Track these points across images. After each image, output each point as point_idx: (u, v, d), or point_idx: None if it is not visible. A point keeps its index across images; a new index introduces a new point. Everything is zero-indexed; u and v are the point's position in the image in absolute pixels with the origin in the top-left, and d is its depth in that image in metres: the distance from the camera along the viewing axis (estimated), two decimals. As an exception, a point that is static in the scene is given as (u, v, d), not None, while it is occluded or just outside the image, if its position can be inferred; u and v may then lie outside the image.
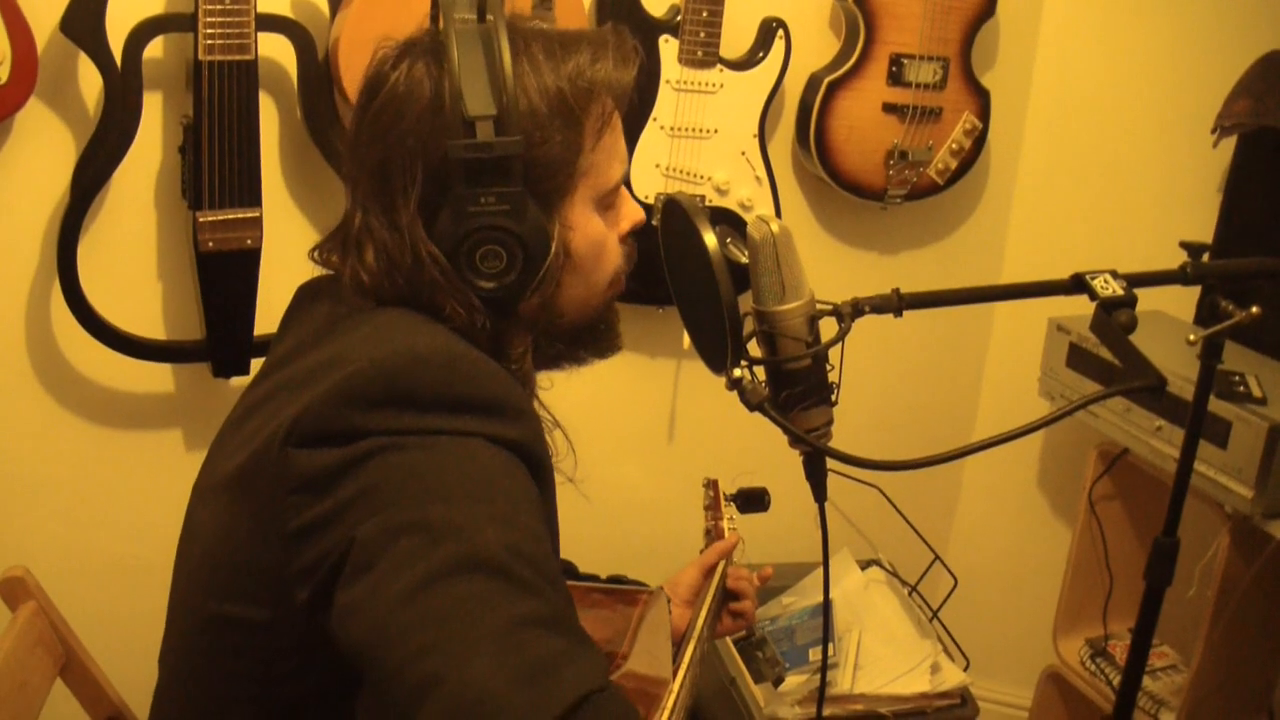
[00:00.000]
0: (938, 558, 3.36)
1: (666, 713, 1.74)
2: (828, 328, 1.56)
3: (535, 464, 1.39)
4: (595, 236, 1.57)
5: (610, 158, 1.56)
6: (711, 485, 2.43)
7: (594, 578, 2.14)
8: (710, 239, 1.46)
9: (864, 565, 3.29)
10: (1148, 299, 2.00)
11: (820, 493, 1.65)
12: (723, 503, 2.38)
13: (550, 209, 1.51)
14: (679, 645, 1.95)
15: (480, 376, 1.39)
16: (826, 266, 3.21)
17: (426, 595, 1.16)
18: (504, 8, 1.52)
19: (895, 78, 2.97)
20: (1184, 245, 1.88)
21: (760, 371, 1.55)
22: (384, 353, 1.36)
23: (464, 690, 1.10)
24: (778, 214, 2.96)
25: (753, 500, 2.10)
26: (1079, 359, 2.87)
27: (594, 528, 3.20)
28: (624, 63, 1.57)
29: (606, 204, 1.58)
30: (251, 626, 1.40)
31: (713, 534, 2.35)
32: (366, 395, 1.32)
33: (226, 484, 1.44)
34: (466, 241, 1.45)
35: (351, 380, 1.33)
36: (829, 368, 1.56)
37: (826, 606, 1.90)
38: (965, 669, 3.06)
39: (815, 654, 3.00)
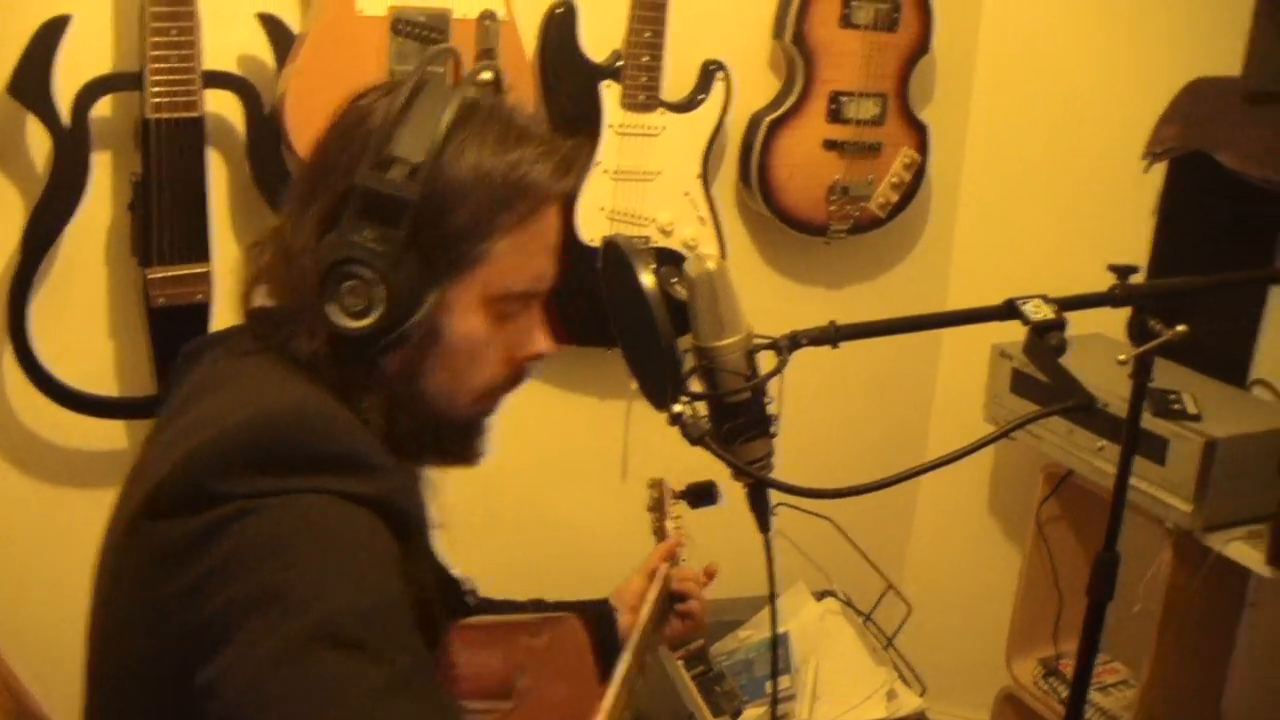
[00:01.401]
0: (891, 586, 3.40)
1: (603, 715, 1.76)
2: (769, 362, 1.60)
3: (397, 518, 1.37)
4: (472, 333, 1.52)
5: (517, 260, 1.52)
6: (657, 485, 2.43)
7: (510, 603, 2.14)
8: (647, 278, 1.49)
9: (819, 596, 3.32)
10: (1090, 322, 2.05)
11: (764, 523, 1.68)
12: (669, 502, 2.38)
13: (432, 277, 1.47)
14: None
15: (334, 434, 1.37)
16: (773, 302, 3.25)
17: (279, 676, 1.16)
18: (460, 74, 1.59)
19: (835, 115, 3.02)
20: (1113, 268, 1.93)
21: (702, 406, 1.58)
22: (236, 419, 1.35)
23: None
24: (722, 252, 3.01)
25: (702, 495, 2.09)
26: (1022, 384, 2.92)
27: (551, 565, 3.23)
28: (564, 174, 1.54)
29: (502, 312, 1.54)
30: (134, 702, 1.38)
31: (659, 536, 2.35)
32: (218, 463, 1.30)
33: (110, 551, 1.44)
34: (337, 269, 1.42)
35: (204, 448, 1.32)
36: (768, 400, 1.60)
37: (774, 637, 1.93)
38: (921, 694, 3.09)
39: (772, 686, 3.03)
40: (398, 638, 1.23)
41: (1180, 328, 1.87)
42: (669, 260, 2.88)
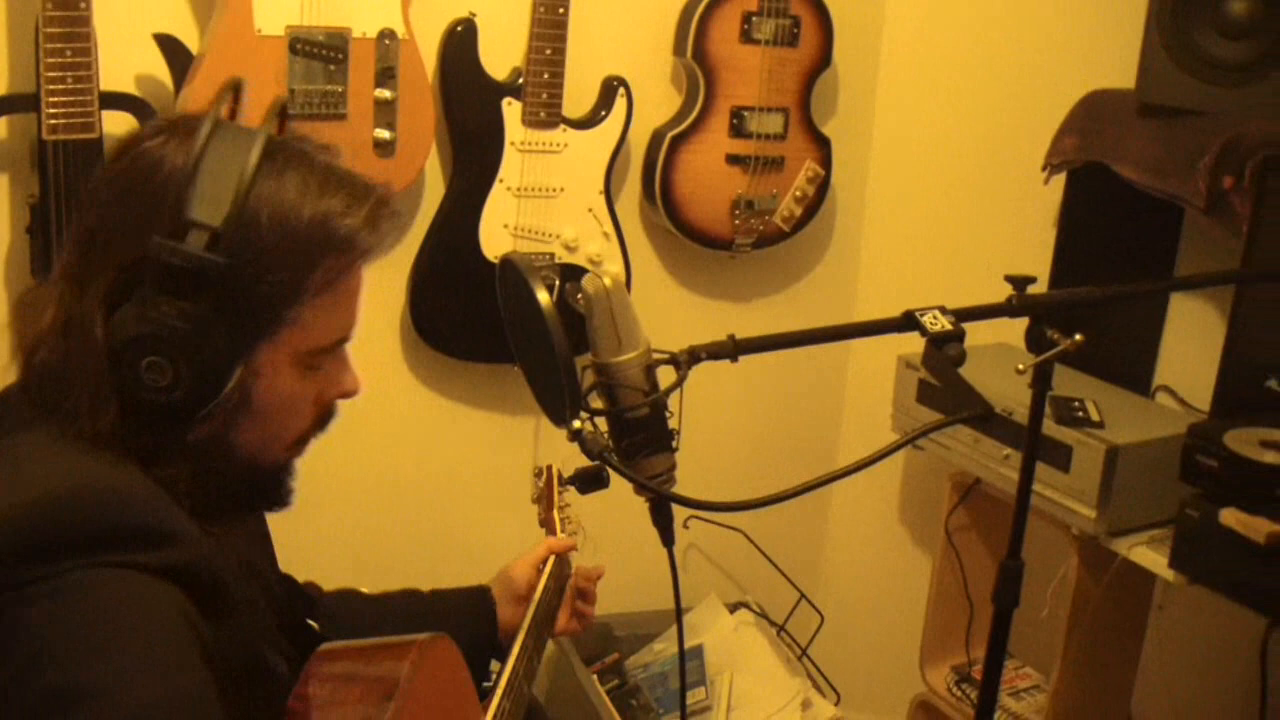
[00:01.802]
0: (804, 596, 3.41)
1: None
2: (670, 377, 1.61)
3: (197, 585, 1.31)
4: (283, 392, 1.45)
5: (328, 317, 1.45)
6: (543, 472, 2.40)
7: (383, 596, 2.11)
8: (542, 295, 1.49)
9: (733, 608, 3.33)
10: (996, 332, 2.07)
11: (667, 537, 1.68)
12: (556, 490, 2.37)
13: (240, 346, 1.38)
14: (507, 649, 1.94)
15: (121, 506, 1.29)
16: (679, 317, 3.26)
17: None
18: (278, 119, 1.46)
19: (737, 130, 3.04)
20: (1009, 279, 1.95)
21: (603, 422, 1.59)
22: (12, 499, 1.26)
23: None
24: (627, 267, 3.01)
25: (591, 479, 2.08)
26: (928, 394, 2.94)
27: (459, 582, 3.23)
28: (375, 226, 1.45)
29: (312, 364, 1.47)
30: None
31: (546, 527, 2.34)
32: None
33: None
34: (135, 346, 1.32)
35: None
36: (668, 415, 1.60)
37: (681, 650, 1.93)
38: (836, 703, 3.11)
39: (690, 697, 3.04)
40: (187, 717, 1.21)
41: (1077, 337, 1.89)
42: (574, 277, 2.90)
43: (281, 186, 1.39)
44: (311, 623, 1.79)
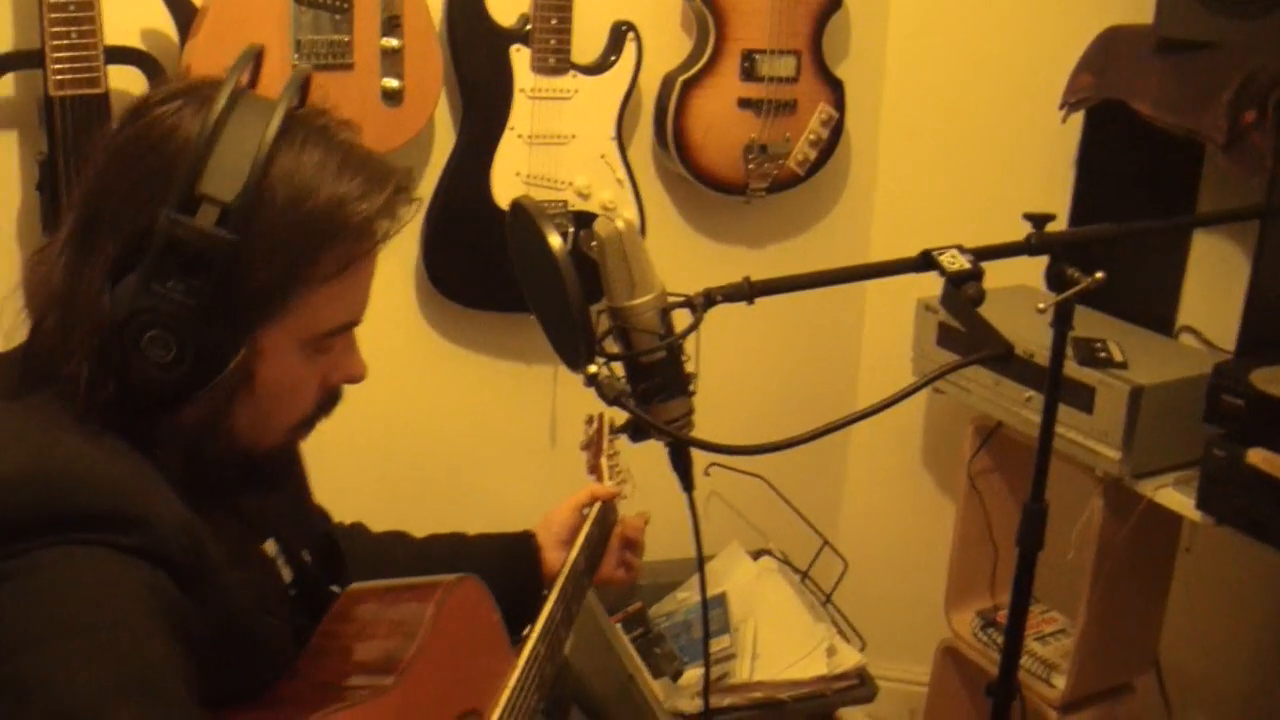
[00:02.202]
0: (826, 542, 3.40)
1: (515, 673, 1.74)
2: (685, 320, 1.59)
3: (174, 565, 1.28)
4: (286, 376, 1.43)
5: (335, 303, 1.42)
6: (594, 420, 2.39)
7: (430, 539, 2.11)
8: (554, 239, 1.48)
9: (755, 555, 3.32)
10: (1012, 272, 2.04)
11: (686, 482, 1.67)
12: (606, 438, 2.35)
13: (242, 326, 1.36)
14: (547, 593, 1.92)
15: (89, 490, 1.27)
16: (694, 263, 3.24)
17: None
18: (299, 92, 1.43)
19: (748, 73, 3.00)
20: (1028, 216, 1.93)
21: (619, 367, 1.57)
22: None
23: None
24: (640, 214, 2.99)
25: (642, 428, 2.04)
26: (948, 337, 2.92)
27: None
28: (392, 214, 1.43)
29: (319, 347, 1.44)
30: None
31: (595, 474, 2.32)
32: None
33: None
34: (137, 320, 1.30)
35: None
36: (685, 358, 1.59)
37: (704, 598, 1.92)
38: (861, 649, 3.10)
39: (713, 645, 3.03)
40: (149, 702, 1.19)
41: (1098, 274, 1.87)
42: (587, 224, 2.88)
43: (299, 165, 1.35)
44: (335, 589, 1.75)
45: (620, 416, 1.63)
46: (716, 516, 3.41)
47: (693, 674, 2.97)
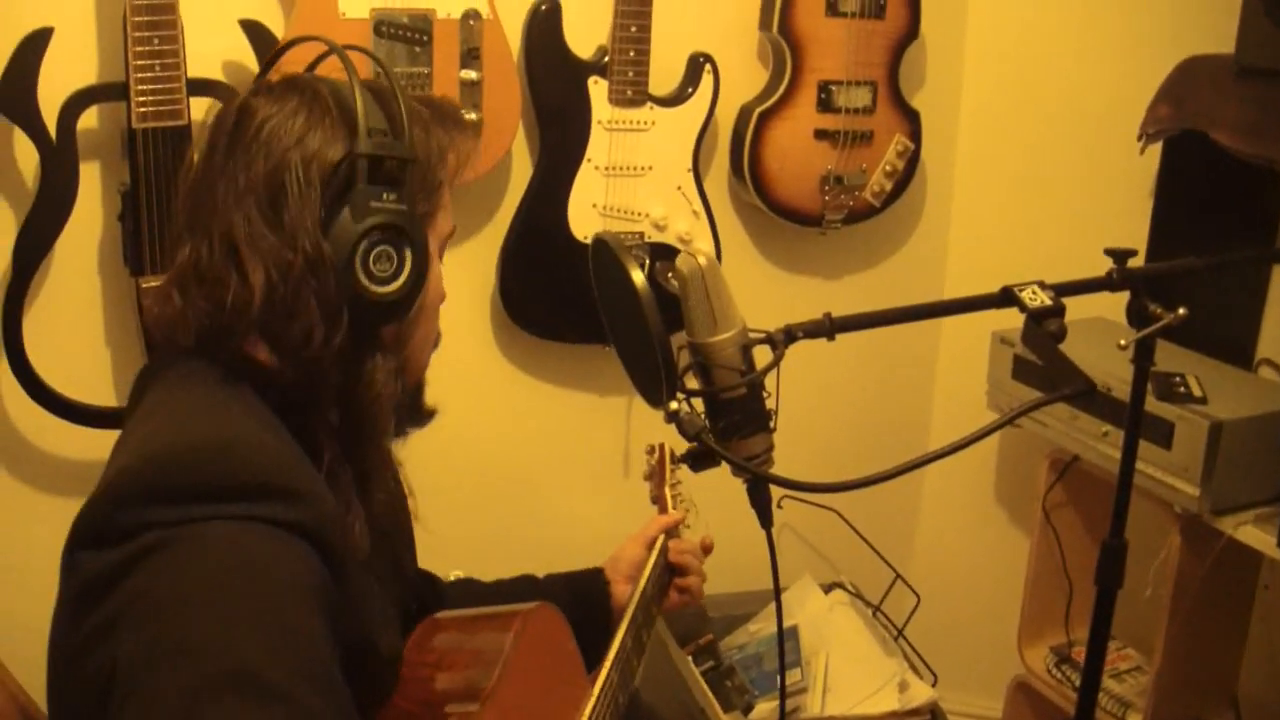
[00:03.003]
0: (899, 576, 3.38)
1: (590, 702, 1.73)
2: (765, 356, 1.58)
3: (322, 546, 1.34)
4: (438, 275, 1.59)
5: (449, 208, 1.60)
6: (656, 450, 2.40)
7: (497, 584, 2.13)
8: (637, 276, 1.48)
9: (827, 588, 3.30)
10: (1089, 305, 2.03)
11: (765, 519, 1.66)
12: (668, 468, 2.36)
13: (426, 230, 1.53)
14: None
15: (255, 462, 1.34)
16: (769, 295, 3.24)
17: None
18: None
19: (825, 104, 3.00)
20: (1109, 252, 1.91)
21: (698, 403, 1.57)
22: (154, 448, 1.34)
23: None
24: (717, 245, 3.00)
25: (704, 457, 2.04)
26: (1023, 370, 2.90)
27: (551, 563, 3.22)
28: (464, 129, 1.63)
29: (440, 256, 1.61)
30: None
31: (658, 504, 2.33)
32: (135, 493, 1.28)
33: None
34: (367, 238, 1.44)
35: (120, 479, 1.32)
36: (765, 395, 1.58)
37: (780, 632, 1.91)
38: (933, 684, 3.07)
39: (785, 679, 3.02)
40: (306, 672, 1.21)
41: (1180, 310, 1.85)
42: (664, 256, 2.89)
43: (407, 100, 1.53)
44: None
45: (680, 445, 1.64)
46: (789, 549, 3.40)
47: (764, 707, 2.96)
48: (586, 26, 2.86)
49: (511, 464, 3.17)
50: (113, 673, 1.18)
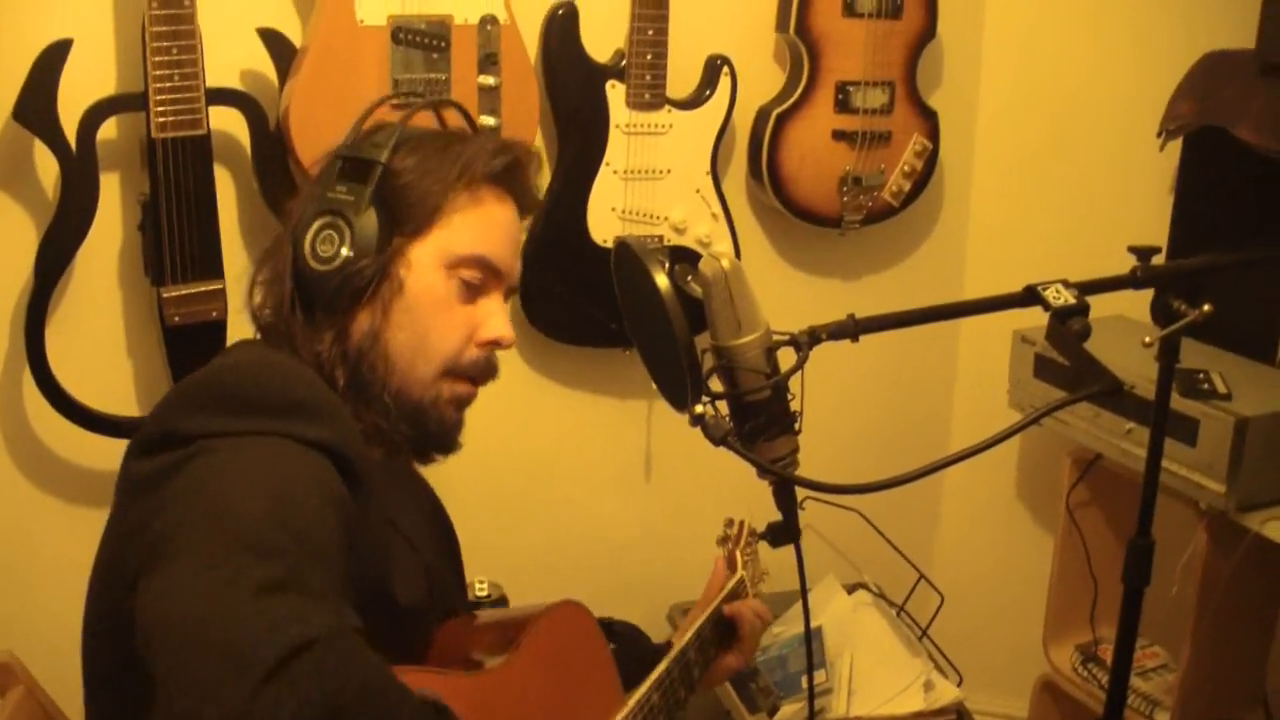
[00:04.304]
0: (922, 576, 3.37)
1: (626, 709, 1.76)
2: (788, 358, 1.58)
3: (345, 465, 1.44)
4: (432, 289, 1.65)
5: (471, 230, 1.67)
6: (735, 524, 2.41)
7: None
8: (661, 279, 1.47)
9: (850, 589, 3.30)
10: (1109, 303, 2.02)
11: (791, 521, 1.65)
12: (744, 541, 2.36)
13: (395, 229, 1.63)
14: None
15: (291, 383, 1.49)
16: (788, 296, 3.24)
17: (186, 578, 1.22)
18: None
19: (843, 105, 3.00)
20: (1133, 249, 1.90)
21: (723, 405, 1.56)
22: (208, 368, 1.54)
23: (195, 653, 1.15)
24: (736, 248, 2.99)
25: (783, 533, 2.06)
26: (1045, 369, 2.89)
27: (576, 566, 3.23)
28: (503, 150, 1.71)
29: (463, 283, 1.67)
30: (102, 633, 1.50)
31: (728, 566, 2.33)
32: (186, 403, 1.47)
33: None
34: (315, 220, 1.62)
35: (173, 394, 1.51)
36: (790, 397, 1.58)
37: (808, 634, 1.90)
38: (959, 684, 3.06)
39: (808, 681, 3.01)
40: (301, 539, 1.28)
41: (1205, 307, 1.84)
42: (683, 259, 2.88)
43: (431, 135, 1.72)
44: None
45: (760, 520, 1.67)
46: (811, 550, 3.36)
47: (789, 709, 2.95)
48: (604, 30, 2.86)
49: (533, 468, 3.17)
50: (147, 554, 1.29)
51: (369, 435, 1.62)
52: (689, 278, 2.73)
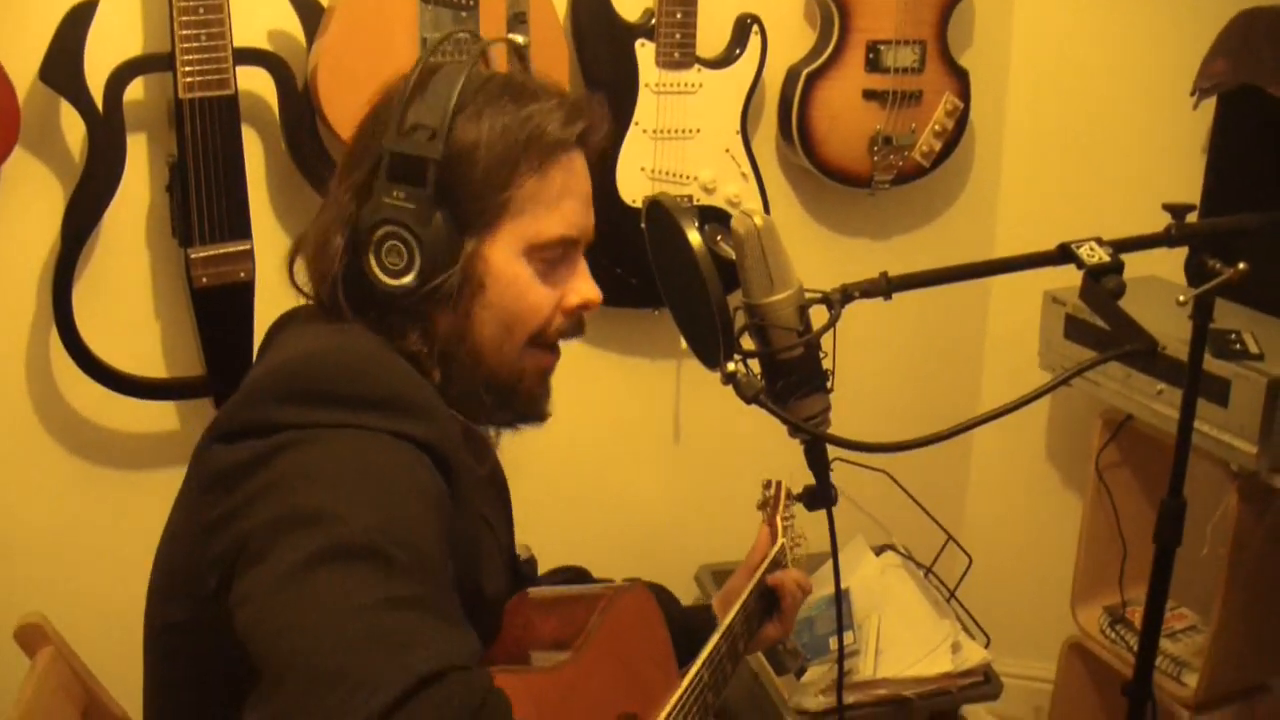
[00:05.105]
0: (950, 538, 3.36)
1: (679, 690, 1.75)
2: (820, 316, 1.58)
3: (442, 463, 1.40)
4: (512, 279, 1.57)
5: (545, 208, 1.58)
6: (772, 486, 2.41)
7: (579, 573, 2.13)
8: (694, 236, 1.47)
9: (878, 550, 3.29)
10: (1140, 264, 2.01)
11: (823, 480, 1.65)
12: (783, 503, 2.36)
13: (466, 231, 1.54)
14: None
15: (387, 376, 1.44)
16: (819, 256, 3.23)
17: (298, 581, 1.19)
18: (484, 56, 1.65)
19: (873, 64, 2.98)
20: (1167, 207, 1.89)
21: (755, 364, 1.56)
22: (296, 353, 1.47)
23: (318, 665, 1.11)
24: (765, 208, 2.98)
25: (819, 497, 2.05)
26: (1076, 329, 2.88)
27: (605, 529, 3.23)
28: (575, 119, 1.60)
29: (543, 262, 1.59)
30: (178, 628, 1.45)
31: (770, 530, 2.33)
32: (277, 391, 1.38)
33: (177, 498, 1.52)
34: (374, 230, 1.51)
35: (265, 378, 1.41)
36: (822, 355, 1.57)
37: (839, 596, 1.90)
38: (986, 646, 3.06)
39: (836, 642, 3.00)
40: (418, 557, 1.25)
41: (1240, 265, 1.83)
42: (713, 218, 2.87)
43: (493, 97, 1.56)
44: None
45: (796, 483, 1.66)
46: (840, 511, 3.35)
47: (817, 670, 2.95)
48: (633, -12, 2.84)
49: (560, 427, 3.15)
50: (242, 546, 1.26)
51: (465, 426, 1.61)
52: (719, 238, 2.72)
